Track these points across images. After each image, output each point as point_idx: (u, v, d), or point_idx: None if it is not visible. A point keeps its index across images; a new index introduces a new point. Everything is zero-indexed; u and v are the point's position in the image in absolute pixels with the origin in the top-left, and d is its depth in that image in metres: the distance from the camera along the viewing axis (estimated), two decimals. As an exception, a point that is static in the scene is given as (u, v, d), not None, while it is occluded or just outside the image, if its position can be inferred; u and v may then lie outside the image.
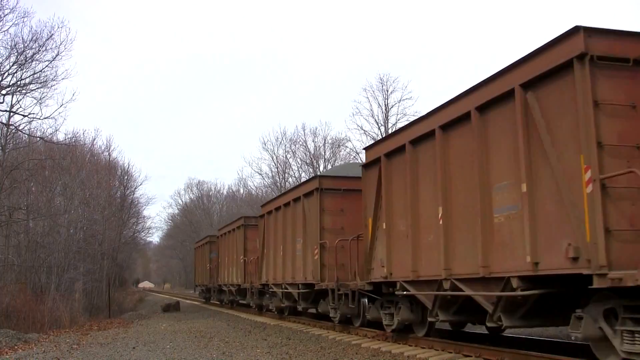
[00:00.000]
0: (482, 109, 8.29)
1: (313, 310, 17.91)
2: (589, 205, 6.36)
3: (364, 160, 12.97)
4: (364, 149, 12.61)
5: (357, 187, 13.71)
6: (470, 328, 12.39)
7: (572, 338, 10.42)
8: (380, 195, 11.33)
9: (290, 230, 17.10)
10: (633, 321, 6.13)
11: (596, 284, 6.22)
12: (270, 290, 19.65)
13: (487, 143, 8.17)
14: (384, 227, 11.16)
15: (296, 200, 16.67)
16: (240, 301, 27.14)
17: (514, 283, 7.44)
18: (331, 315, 14.57)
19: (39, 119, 24.96)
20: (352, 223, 14.21)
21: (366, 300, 12.88)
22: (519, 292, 7.41)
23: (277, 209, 18.59)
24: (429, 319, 9.98)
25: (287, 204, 17.58)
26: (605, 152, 6.42)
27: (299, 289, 16.41)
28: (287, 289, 17.47)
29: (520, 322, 8.04)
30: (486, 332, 11.32)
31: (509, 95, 7.66)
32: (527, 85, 7.38)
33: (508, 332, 11.58)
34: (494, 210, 7.93)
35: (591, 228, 6.30)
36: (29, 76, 23.58)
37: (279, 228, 18.33)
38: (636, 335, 6.09)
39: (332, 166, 49.10)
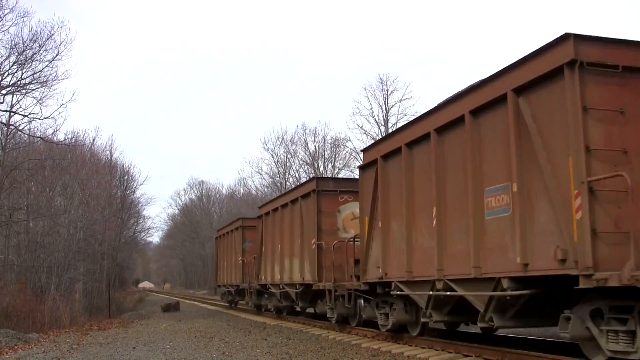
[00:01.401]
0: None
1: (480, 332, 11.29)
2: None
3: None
4: None
5: None
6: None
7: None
8: None
9: (469, 170, 8.66)
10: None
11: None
12: (393, 294, 10.91)
13: None
14: None
15: (479, 112, 8.55)
16: (306, 310, 19.85)
17: None
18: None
19: (39, 119, 24.98)
20: None
21: None
22: None
23: (415, 142, 10.17)
24: None
25: (447, 128, 9.30)
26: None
27: (500, 291, 7.96)
28: (447, 290, 9.18)
29: None
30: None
31: None
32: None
33: (508, 332, 11.58)
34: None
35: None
36: (29, 76, 23.62)
37: (423, 177, 9.88)
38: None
39: (332, 166, 48.99)
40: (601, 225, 6.57)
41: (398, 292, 10.72)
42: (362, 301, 13.01)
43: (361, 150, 12.37)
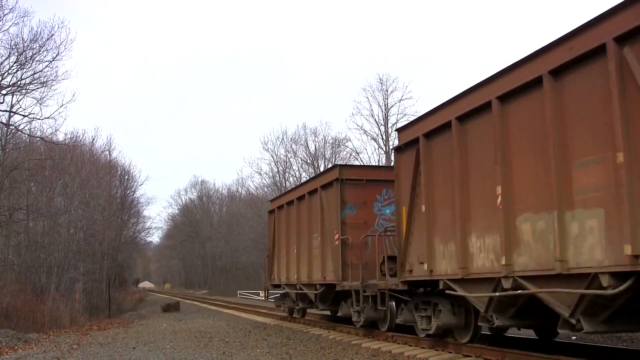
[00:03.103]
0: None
1: None
2: None
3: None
4: None
5: None
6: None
7: (573, 338, 10.44)
8: None
9: None
10: None
11: None
12: None
13: None
14: None
15: None
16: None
17: None
18: None
19: (39, 119, 25.06)
20: None
21: None
22: None
23: None
24: None
25: None
26: None
27: None
28: None
29: None
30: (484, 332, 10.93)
31: None
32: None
33: (508, 332, 11.57)
34: None
35: None
36: (29, 76, 23.68)
37: None
38: None
39: (332, 165, 48.91)
40: None
41: None
42: None
43: None
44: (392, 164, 11.70)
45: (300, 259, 16.24)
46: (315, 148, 50.58)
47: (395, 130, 8.79)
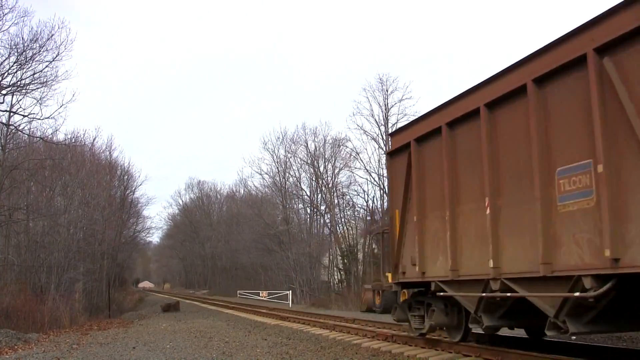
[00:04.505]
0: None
1: None
2: None
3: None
4: None
5: None
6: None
7: (573, 338, 10.43)
8: None
9: None
10: None
11: None
12: None
13: None
14: None
15: None
16: None
17: None
18: None
19: (39, 119, 24.94)
20: None
21: None
22: None
23: None
24: None
25: None
26: None
27: None
28: None
29: None
30: (482, 332, 9.98)
31: None
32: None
33: (507, 332, 11.58)
34: None
35: None
36: (29, 76, 23.59)
37: None
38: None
39: (332, 166, 48.83)
40: None
41: None
42: None
43: None
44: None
45: (501, 226, 7.79)
46: (315, 148, 50.52)
47: None
